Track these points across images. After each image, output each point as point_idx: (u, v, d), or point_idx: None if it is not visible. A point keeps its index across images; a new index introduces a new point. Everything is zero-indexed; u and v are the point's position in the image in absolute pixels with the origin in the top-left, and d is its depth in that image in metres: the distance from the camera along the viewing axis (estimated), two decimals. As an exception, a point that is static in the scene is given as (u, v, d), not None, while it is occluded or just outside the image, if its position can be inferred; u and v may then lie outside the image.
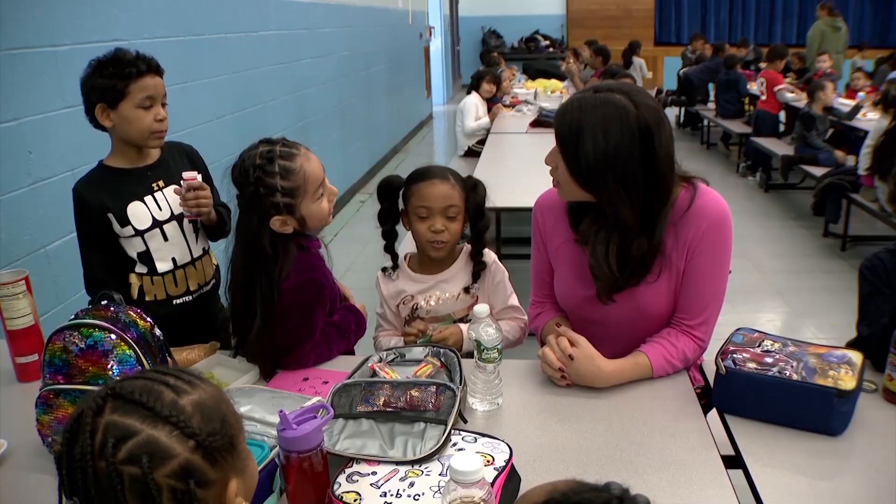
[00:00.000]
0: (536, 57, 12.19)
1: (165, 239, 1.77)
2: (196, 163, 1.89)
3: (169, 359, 1.25)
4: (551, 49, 13.01)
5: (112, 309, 1.20)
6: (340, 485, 1.04)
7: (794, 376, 1.22)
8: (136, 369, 1.15)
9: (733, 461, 1.18)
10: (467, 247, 1.71)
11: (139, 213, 1.74)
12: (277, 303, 1.43)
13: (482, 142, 4.87)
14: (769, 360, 1.28)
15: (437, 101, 11.47)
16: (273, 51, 4.30)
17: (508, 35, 13.35)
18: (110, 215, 1.71)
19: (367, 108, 6.72)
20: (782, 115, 6.62)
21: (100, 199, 1.70)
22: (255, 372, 1.47)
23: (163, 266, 1.78)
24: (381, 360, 1.39)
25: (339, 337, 1.56)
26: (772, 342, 1.35)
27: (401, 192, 1.67)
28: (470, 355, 1.34)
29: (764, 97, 6.40)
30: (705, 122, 8.00)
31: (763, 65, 7.54)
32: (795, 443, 1.19)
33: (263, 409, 1.22)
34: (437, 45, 11.45)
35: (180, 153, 1.88)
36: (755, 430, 1.23)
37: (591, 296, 1.47)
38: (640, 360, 1.38)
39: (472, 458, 0.86)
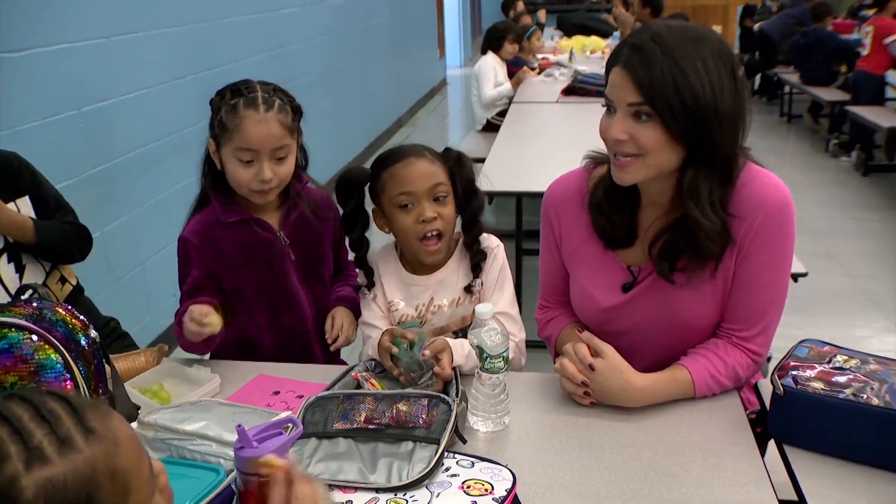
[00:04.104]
0: (575, 8, 12.16)
1: None
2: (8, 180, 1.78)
3: (107, 366, 1.28)
4: (594, -1, 12.97)
5: (35, 304, 1.22)
6: (309, 516, 1.06)
7: (875, 401, 1.22)
8: (65, 377, 1.16)
9: (795, 507, 1.19)
10: (461, 238, 1.67)
11: None
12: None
13: (503, 113, 4.89)
14: (842, 379, 1.28)
15: (452, 63, 11.49)
16: (247, -3, 4.32)
17: (540, -20, 13.33)
18: None
19: (365, 71, 6.73)
20: (891, 76, 6.20)
21: None
22: (214, 382, 1.51)
23: None
24: (367, 370, 1.42)
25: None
26: (846, 357, 1.35)
27: (367, 188, 1.63)
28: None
29: (866, 52, 6.06)
30: (786, 90, 7.90)
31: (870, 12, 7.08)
32: (877, 487, 1.19)
33: (221, 426, 1.26)
34: (452, -7, 11.48)
35: None
36: (823, 468, 1.23)
37: (614, 305, 1.49)
38: (680, 376, 1.39)
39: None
